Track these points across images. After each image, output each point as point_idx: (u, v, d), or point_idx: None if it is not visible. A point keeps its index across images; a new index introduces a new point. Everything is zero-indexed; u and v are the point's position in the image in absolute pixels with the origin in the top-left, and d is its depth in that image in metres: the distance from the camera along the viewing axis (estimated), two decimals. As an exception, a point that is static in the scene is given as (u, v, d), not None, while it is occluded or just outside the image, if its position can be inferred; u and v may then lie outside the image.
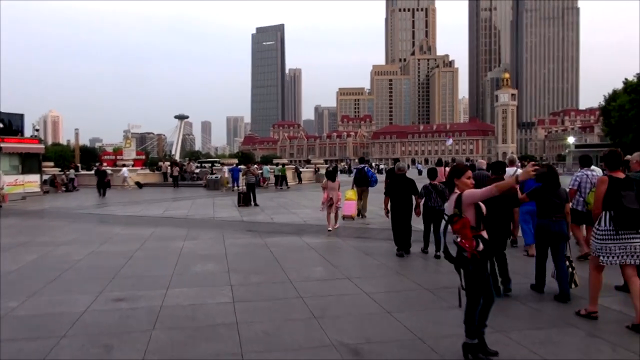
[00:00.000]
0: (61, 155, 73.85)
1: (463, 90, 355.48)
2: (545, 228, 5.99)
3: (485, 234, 3.89)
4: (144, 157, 57.25)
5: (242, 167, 29.13)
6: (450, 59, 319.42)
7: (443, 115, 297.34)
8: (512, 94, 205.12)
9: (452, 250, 4.08)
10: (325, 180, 12.50)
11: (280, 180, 30.94)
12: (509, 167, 9.71)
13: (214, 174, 31.91)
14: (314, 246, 9.79)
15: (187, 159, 74.23)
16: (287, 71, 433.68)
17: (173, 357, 4.28)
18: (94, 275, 7.35)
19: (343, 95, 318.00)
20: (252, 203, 18.60)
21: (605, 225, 4.90)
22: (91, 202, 21.75)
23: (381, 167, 72.04)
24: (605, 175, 5.13)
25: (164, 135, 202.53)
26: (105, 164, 40.39)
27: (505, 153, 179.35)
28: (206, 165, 48.33)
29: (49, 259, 8.82)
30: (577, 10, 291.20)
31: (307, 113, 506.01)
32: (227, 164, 35.91)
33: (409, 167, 56.84)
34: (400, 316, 5.26)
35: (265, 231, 12.02)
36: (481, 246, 3.77)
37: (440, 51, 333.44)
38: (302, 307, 5.64)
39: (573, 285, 5.89)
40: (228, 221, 14.27)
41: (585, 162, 8.38)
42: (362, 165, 15.61)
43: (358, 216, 14.07)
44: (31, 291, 6.42)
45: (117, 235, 11.62)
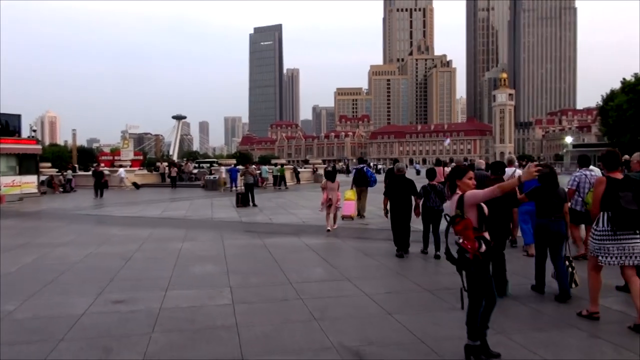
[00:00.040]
0: (59, 155, 73.61)
1: (461, 90, 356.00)
2: (544, 228, 6.01)
3: (487, 235, 3.86)
4: (141, 157, 57.12)
5: (240, 167, 29.12)
6: (448, 59, 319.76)
7: (441, 115, 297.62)
8: (509, 94, 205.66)
9: (453, 251, 4.05)
10: (324, 180, 12.49)
11: (279, 181, 30.93)
12: (508, 168, 9.71)
13: (213, 174, 31.85)
14: (313, 247, 9.76)
15: (185, 159, 74.16)
16: (284, 71, 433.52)
17: (173, 359, 4.25)
18: (92, 277, 7.30)
19: (341, 95, 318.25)
20: (251, 203, 18.58)
21: (603, 225, 4.91)
22: (89, 203, 21.68)
23: (379, 167, 72.06)
24: (604, 175, 5.11)
25: (161, 135, 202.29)
26: (102, 164, 40.31)
27: (502, 153, 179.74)
28: (204, 165, 48.30)
29: (47, 260, 8.76)
30: (575, 10, 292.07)
31: (305, 113, 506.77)
32: (224, 165, 35.87)
33: (406, 167, 56.78)
34: (401, 317, 5.23)
35: (264, 232, 11.99)
36: (483, 247, 3.74)
37: (438, 51, 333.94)
38: (302, 309, 5.61)
39: (573, 285, 5.88)
40: (226, 222, 14.24)
41: (583, 162, 8.38)
42: (361, 166, 15.62)
43: (357, 216, 14.07)
44: (29, 293, 6.37)
45: (115, 236, 11.57)
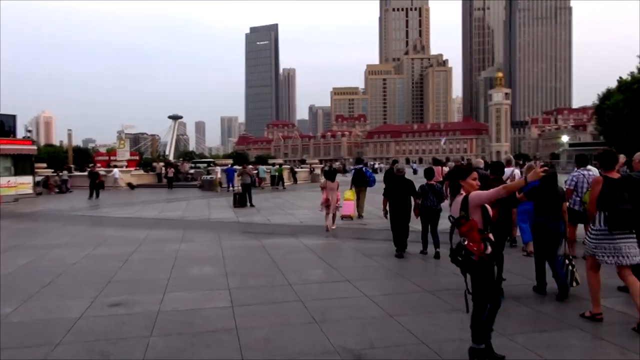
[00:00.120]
0: (54, 156, 73.07)
1: (457, 89, 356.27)
2: (543, 226, 6.04)
3: (492, 237, 3.81)
4: (137, 157, 56.77)
5: (237, 167, 29.01)
6: (444, 59, 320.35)
7: (437, 115, 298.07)
8: (505, 93, 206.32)
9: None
10: (324, 180, 12.44)
11: (277, 181, 30.87)
12: (506, 167, 9.69)
13: (210, 174, 31.72)
14: (312, 248, 9.70)
15: (181, 159, 73.85)
16: (281, 71, 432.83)
17: (172, 364, 4.17)
18: (89, 279, 7.21)
19: (337, 95, 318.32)
20: (248, 204, 18.49)
21: (599, 225, 4.92)
22: (84, 204, 21.53)
23: (376, 166, 72.14)
24: (601, 175, 5.10)
25: (157, 135, 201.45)
26: (99, 164, 40.07)
27: (498, 152, 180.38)
28: (200, 165, 48.06)
29: (43, 262, 8.66)
30: (570, 9, 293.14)
31: (302, 113, 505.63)
32: (221, 165, 35.73)
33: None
34: (403, 319, 5.17)
35: (262, 232, 11.91)
36: (489, 249, 3.69)
37: (434, 51, 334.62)
38: (303, 311, 5.54)
39: (574, 284, 5.88)
40: (224, 222, 14.15)
41: (581, 161, 8.35)
42: (360, 166, 15.58)
43: (357, 216, 14.04)
44: (25, 296, 6.28)
45: (111, 237, 11.47)
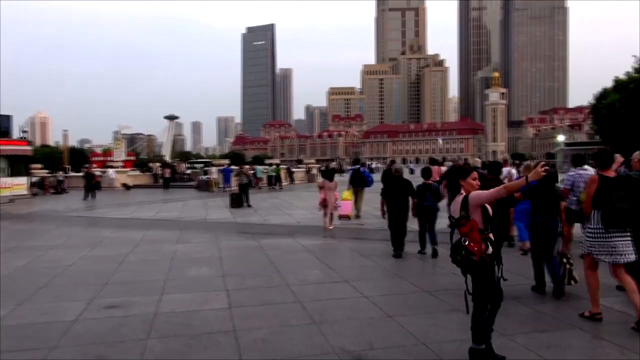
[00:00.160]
0: (50, 156, 72.97)
1: (453, 89, 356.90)
2: (541, 225, 6.06)
3: (492, 237, 3.78)
4: (134, 158, 56.67)
5: (234, 167, 28.95)
6: (440, 58, 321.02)
7: (434, 114, 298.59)
8: (501, 93, 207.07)
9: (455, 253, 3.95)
10: (322, 179, 12.40)
11: (275, 181, 30.84)
12: (503, 167, 9.73)
13: (207, 175, 31.64)
14: (310, 248, 9.66)
15: (178, 159, 73.68)
16: (277, 71, 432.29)
17: (169, 367, 4.13)
18: (85, 281, 7.15)
19: (334, 95, 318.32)
20: (245, 204, 18.44)
21: (595, 223, 4.93)
22: (80, 205, 21.43)
23: (373, 166, 72.21)
24: (597, 174, 5.11)
25: (154, 136, 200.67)
26: (95, 165, 39.95)
27: (495, 152, 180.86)
28: (197, 166, 47.93)
29: (39, 263, 8.60)
30: (566, 9, 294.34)
31: (298, 113, 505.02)
32: (217, 165, 35.65)
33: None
34: (402, 320, 5.14)
35: (260, 233, 11.87)
36: (490, 249, 3.66)
37: (430, 50, 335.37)
38: (301, 312, 5.51)
39: (572, 282, 5.89)
40: (221, 223, 14.10)
41: (578, 161, 8.34)
42: (357, 166, 15.56)
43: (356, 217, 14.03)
44: (20, 299, 6.22)
45: (107, 238, 11.40)
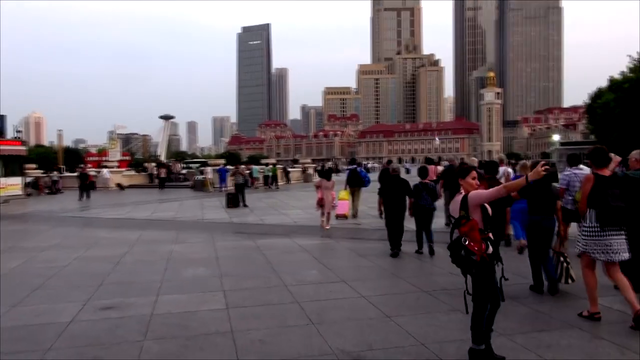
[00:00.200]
0: (44, 157, 72.45)
1: (448, 89, 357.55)
2: (537, 224, 6.08)
3: (492, 236, 3.75)
4: (129, 158, 56.38)
5: (230, 167, 28.87)
6: (435, 58, 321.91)
7: (429, 114, 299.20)
8: (497, 93, 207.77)
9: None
10: (319, 179, 12.38)
11: (271, 180, 30.79)
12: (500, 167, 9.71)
13: (203, 174, 31.52)
14: (307, 248, 9.62)
15: (173, 159, 73.45)
16: (273, 71, 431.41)
17: (166, 369, 4.08)
18: (80, 282, 7.08)
19: (329, 95, 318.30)
20: (242, 204, 18.39)
21: (590, 222, 4.94)
22: (75, 205, 21.31)
23: (369, 166, 72.29)
24: (592, 173, 5.11)
25: (149, 136, 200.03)
26: (90, 165, 39.75)
27: (490, 151, 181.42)
28: (193, 166, 47.74)
29: (34, 264, 8.52)
30: (561, 9, 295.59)
31: (294, 112, 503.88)
32: (213, 165, 35.52)
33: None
34: (401, 320, 5.11)
35: (256, 233, 11.82)
36: (490, 249, 3.63)
37: (426, 50, 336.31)
38: (299, 313, 5.46)
39: (569, 281, 5.89)
40: (217, 223, 14.04)
41: (573, 160, 8.35)
42: (354, 166, 15.55)
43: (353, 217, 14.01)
44: (15, 300, 6.15)
45: (103, 239, 11.32)
